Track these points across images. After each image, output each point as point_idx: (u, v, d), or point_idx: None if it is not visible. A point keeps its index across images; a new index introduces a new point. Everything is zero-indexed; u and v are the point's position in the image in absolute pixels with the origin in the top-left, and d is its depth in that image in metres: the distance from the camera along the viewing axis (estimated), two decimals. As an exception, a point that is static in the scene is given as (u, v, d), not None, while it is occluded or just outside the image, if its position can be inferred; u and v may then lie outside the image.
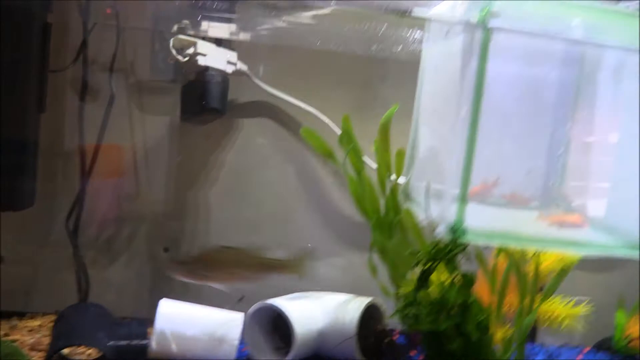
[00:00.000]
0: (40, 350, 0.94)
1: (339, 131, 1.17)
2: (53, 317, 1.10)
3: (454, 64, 0.77)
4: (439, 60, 0.90)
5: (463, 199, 0.71)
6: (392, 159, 1.03)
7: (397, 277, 0.99)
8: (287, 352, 1.03)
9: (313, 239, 1.27)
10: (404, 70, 1.18)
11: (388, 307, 1.07)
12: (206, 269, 1.02)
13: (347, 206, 1.26)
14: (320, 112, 1.23)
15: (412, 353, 1.07)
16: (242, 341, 1.00)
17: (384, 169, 0.99)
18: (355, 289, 1.13)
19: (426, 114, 0.93)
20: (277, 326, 1.08)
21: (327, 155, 1.09)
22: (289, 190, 1.28)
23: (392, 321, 1.03)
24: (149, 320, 0.92)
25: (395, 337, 1.07)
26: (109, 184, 1.24)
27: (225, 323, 0.99)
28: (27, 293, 1.18)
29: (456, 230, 0.70)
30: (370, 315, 1.02)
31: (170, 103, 1.23)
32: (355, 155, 1.01)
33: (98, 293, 1.18)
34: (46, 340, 0.99)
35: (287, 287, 1.09)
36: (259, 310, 1.03)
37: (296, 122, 1.26)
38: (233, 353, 0.98)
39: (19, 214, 1.09)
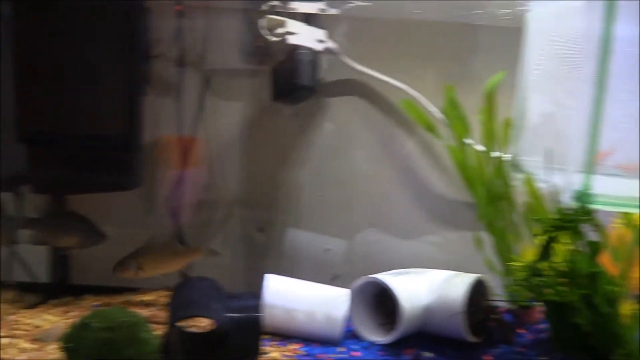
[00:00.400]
0: (157, 323, 0.98)
1: (430, 106, 1.14)
2: (163, 293, 1.15)
3: (570, 25, 0.72)
4: (550, 23, 0.85)
5: (590, 164, 0.67)
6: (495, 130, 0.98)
7: (505, 250, 0.95)
8: (391, 329, 1.01)
9: (405, 217, 1.25)
10: (499, 38, 1.13)
11: (494, 284, 1.03)
12: (139, 264, 1.05)
13: (439, 183, 1.22)
14: (410, 88, 1.19)
15: (521, 331, 1.03)
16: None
17: (490, 139, 0.95)
18: (451, 267, 1.10)
19: (535, 80, 0.88)
20: (380, 302, 1.07)
21: (428, 127, 1.06)
22: (379, 168, 1.26)
23: (499, 298, 1.00)
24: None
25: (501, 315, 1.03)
26: (200, 170, 1.26)
27: (331, 299, 0.99)
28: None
29: (583, 197, 0.66)
30: (476, 291, 0.98)
31: (258, 85, 1.22)
32: (462, 124, 0.97)
33: (197, 271, 1.21)
34: (161, 314, 1.02)
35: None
36: (364, 286, 1.02)
37: (385, 99, 1.23)
38: (340, 329, 0.97)
39: (125, 195, 1.15)
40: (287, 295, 0.98)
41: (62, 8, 0.98)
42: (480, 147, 0.99)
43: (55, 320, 1.01)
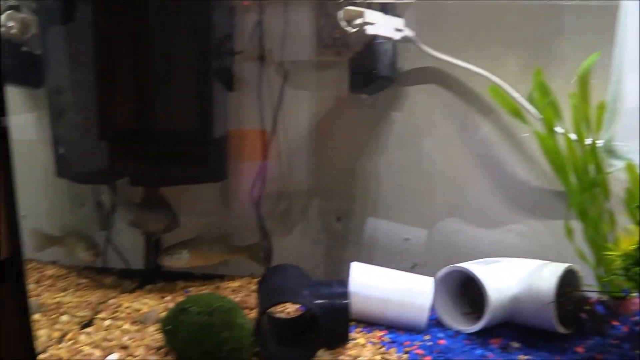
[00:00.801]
0: (245, 308, 1.02)
1: (512, 92, 1.11)
2: (249, 280, 1.19)
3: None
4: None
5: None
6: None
7: (598, 239, 0.92)
8: (476, 318, 1.00)
9: (486, 206, 1.23)
10: (588, 18, 1.08)
11: (585, 274, 1.00)
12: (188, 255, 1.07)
13: (522, 171, 1.19)
14: (491, 74, 1.16)
15: (614, 322, 0.99)
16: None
17: (583, 124, 0.91)
18: (536, 257, 1.08)
19: (631, 61, 0.84)
20: (464, 291, 1.06)
21: (515, 113, 1.04)
22: (459, 157, 1.24)
23: (590, 289, 0.97)
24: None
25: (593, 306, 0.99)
26: (277, 163, 1.29)
27: (417, 287, 0.99)
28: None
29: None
30: (566, 281, 0.95)
31: (336, 76, 1.23)
32: (552, 109, 0.94)
33: (279, 259, 1.24)
34: (250, 299, 1.06)
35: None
36: (448, 275, 1.02)
37: (465, 86, 1.20)
38: (424, 317, 0.98)
39: (212, 188, 1.20)
40: (373, 282, 0.99)
41: (141, 7, 1.01)
42: (571, 133, 0.96)
43: (152, 304, 1.07)
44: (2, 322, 0.88)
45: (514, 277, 0.98)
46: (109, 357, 0.86)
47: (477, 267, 0.97)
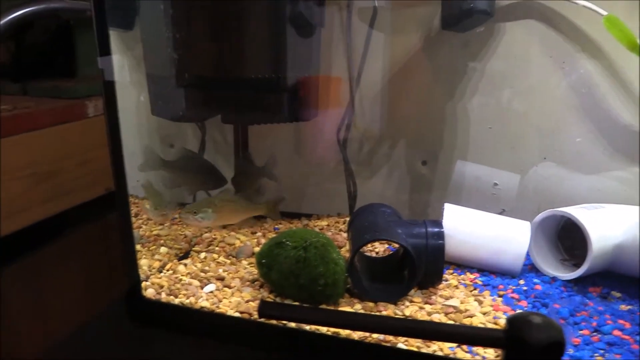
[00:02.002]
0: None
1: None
2: (336, 219, 1.19)
3: None
4: None
5: None
6: None
7: None
8: (573, 266, 0.96)
9: (585, 150, 1.15)
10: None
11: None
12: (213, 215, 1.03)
13: (626, 114, 1.11)
14: (599, 7, 1.06)
15: None
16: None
17: None
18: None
19: None
20: (562, 237, 1.01)
21: (632, 47, 0.95)
22: (556, 99, 1.15)
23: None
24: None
25: None
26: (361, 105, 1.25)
27: (513, 230, 0.96)
28: (310, 199, 1.28)
29: None
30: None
31: (427, 14, 1.18)
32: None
33: (363, 203, 1.23)
34: (338, 237, 1.07)
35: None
36: (546, 219, 0.98)
37: (567, 21, 1.11)
38: (520, 262, 0.94)
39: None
40: (467, 224, 0.97)
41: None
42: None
43: (244, 239, 1.09)
44: (111, 250, 0.93)
45: (619, 225, 0.92)
46: (206, 287, 0.89)
47: (579, 212, 0.92)
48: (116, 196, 0.82)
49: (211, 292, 0.88)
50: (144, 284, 0.90)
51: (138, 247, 1.03)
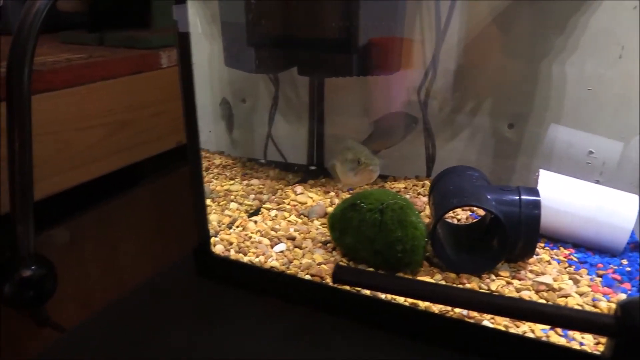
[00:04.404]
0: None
1: None
2: (414, 182, 1.11)
3: None
4: None
5: None
6: None
7: None
8: (686, 246, 0.84)
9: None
10: None
11: None
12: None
13: None
14: None
15: None
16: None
17: None
18: None
19: None
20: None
21: None
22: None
23: None
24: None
25: None
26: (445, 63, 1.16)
27: (617, 203, 0.85)
28: (387, 159, 1.20)
29: None
30: None
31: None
32: None
33: (441, 166, 1.15)
34: (417, 201, 0.99)
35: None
36: (659, 193, 0.85)
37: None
38: (624, 239, 0.84)
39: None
40: (564, 194, 0.87)
41: None
42: None
43: (317, 198, 1.04)
44: (183, 204, 0.90)
45: None
46: (277, 247, 0.85)
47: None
48: (188, 150, 0.79)
49: (281, 251, 0.84)
50: (213, 239, 0.87)
51: (208, 201, 1.00)
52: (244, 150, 1.35)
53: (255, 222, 0.93)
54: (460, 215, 0.97)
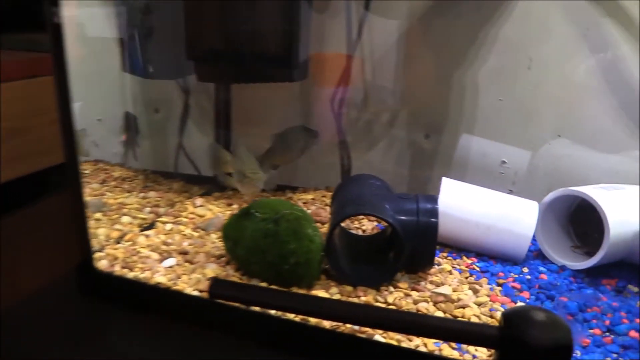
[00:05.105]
0: (317, 221, 0.91)
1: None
2: (323, 192, 1.08)
3: None
4: None
5: None
6: None
7: None
8: (585, 254, 0.84)
9: (604, 128, 1.02)
10: None
11: None
12: None
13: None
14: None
15: None
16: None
17: None
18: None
19: None
20: (573, 221, 0.89)
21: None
22: (577, 70, 1.03)
23: None
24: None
25: None
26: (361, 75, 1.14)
27: (518, 211, 0.83)
28: (301, 171, 1.19)
29: None
30: None
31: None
32: None
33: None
34: (323, 212, 0.95)
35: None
36: (557, 200, 0.85)
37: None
38: (524, 247, 0.82)
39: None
40: (466, 202, 0.85)
41: None
42: None
43: (218, 211, 0.98)
44: (62, 221, 0.83)
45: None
46: (166, 261, 0.78)
47: (596, 192, 0.80)
48: (65, 162, 0.72)
49: (170, 267, 0.78)
50: (97, 254, 0.80)
51: (98, 215, 0.92)
52: (153, 162, 1.28)
53: (147, 236, 0.87)
54: (366, 226, 0.93)
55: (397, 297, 0.73)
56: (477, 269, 0.82)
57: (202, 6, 0.95)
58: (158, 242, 0.85)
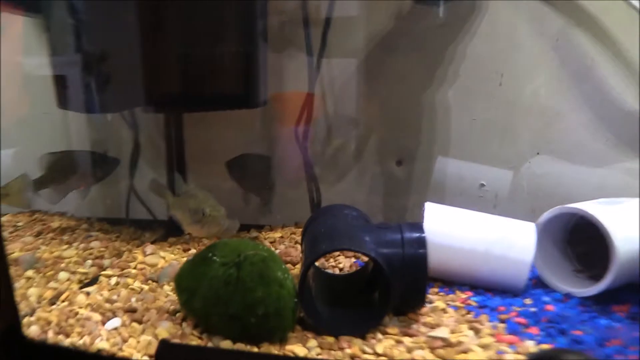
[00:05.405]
0: (287, 262, 0.80)
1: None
2: (292, 229, 0.97)
3: None
4: None
5: None
6: None
7: None
8: (590, 277, 0.74)
9: (584, 141, 0.97)
10: None
11: None
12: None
13: (631, 99, 0.93)
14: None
15: None
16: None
17: None
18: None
19: None
20: (572, 242, 0.80)
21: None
22: (550, 83, 0.97)
23: None
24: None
25: None
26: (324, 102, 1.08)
27: (514, 234, 0.73)
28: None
29: None
30: None
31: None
32: None
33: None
34: (293, 252, 0.84)
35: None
36: (553, 220, 0.76)
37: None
38: (524, 275, 0.72)
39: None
40: (453, 228, 0.74)
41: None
42: None
43: (172, 258, 0.85)
44: None
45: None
46: (109, 323, 0.65)
47: (595, 208, 0.71)
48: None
49: (115, 328, 0.64)
50: (27, 319, 0.66)
51: (30, 272, 0.78)
52: (101, 208, 1.15)
53: (88, 293, 0.73)
54: (343, 264, 0.82)
55: (388, 345, 0.62)
56: (474, 304, 0.72)
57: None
58: (100, 300, 0.72)
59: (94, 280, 0.79)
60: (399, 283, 0.63)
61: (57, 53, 0.91)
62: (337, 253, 0.84)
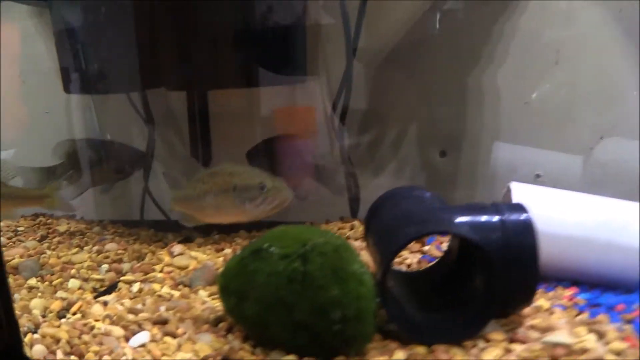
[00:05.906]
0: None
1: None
2: (339, 224, 0.90)
3: None
4: None
5: None
6: None
7: None
8: None
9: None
10: None
11: None
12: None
13: None
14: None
15: None
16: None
17: None
18: None
19: None
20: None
21: None
22: (612, 59, 0.89)
23: None
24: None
25: None
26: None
27: (622, 216, 0.60)
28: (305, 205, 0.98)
29: None
30: None
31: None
32: None
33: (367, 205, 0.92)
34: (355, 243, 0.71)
35: None
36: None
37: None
38: (636, 264, 0.58)
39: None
40: (548, 211, 0.61)
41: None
42: None
43: (204, 259, 0.71)
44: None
45: None
46: (134, 338, 0.51)
47: None
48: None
49: (143, 345, 0.50)
50: (29, 337, 0.52)
51: (33, 281, 0.65)
52: (113, 211, 1.04)
53: (106, 303, 0.60)
54: (410, 259, 0.68)
55: (496, 355, 0.47)
56: (584, 302, 0.59)
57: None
58: (121, 310, 0.58)
59: (111, 288, 0.67)
60: (505, 276, 0.49)
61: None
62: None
